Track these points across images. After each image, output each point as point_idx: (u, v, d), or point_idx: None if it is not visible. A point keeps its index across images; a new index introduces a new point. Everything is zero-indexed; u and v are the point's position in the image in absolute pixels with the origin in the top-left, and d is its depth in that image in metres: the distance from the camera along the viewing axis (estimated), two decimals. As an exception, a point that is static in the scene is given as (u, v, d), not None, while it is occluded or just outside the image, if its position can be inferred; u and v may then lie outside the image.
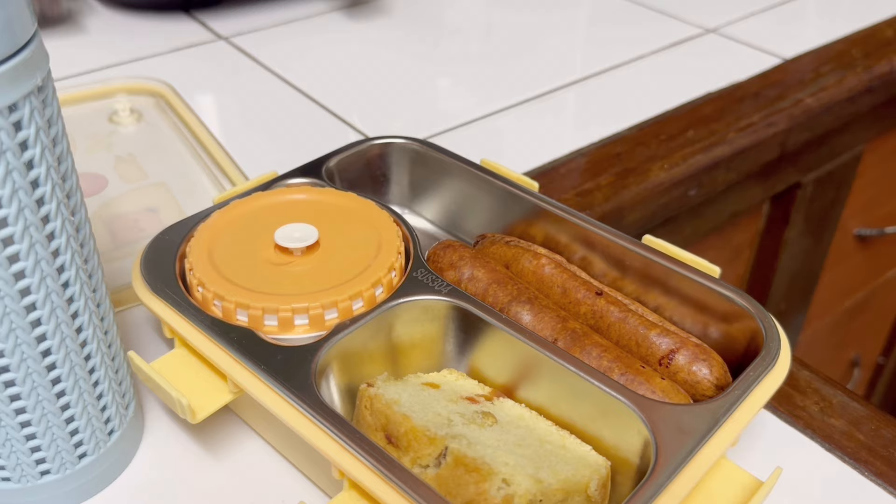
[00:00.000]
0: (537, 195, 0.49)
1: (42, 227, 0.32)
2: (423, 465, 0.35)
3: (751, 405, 0.37)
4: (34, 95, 0.30)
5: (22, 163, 0.30)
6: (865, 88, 0.81)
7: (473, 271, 0.44)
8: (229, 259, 0.43)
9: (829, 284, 1.06)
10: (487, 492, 0.33)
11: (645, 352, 0.40)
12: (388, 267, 0.42)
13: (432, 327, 0.42)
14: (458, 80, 0.79)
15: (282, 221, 0.45)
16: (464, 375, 0.42)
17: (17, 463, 0.36)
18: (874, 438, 0.44)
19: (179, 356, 0.41)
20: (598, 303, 0.43)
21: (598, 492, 0.35)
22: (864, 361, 1.29)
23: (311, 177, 0.51)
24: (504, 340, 0.40)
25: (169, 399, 0.38)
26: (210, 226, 0.45)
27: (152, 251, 0.44)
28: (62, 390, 0.36)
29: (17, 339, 0.33)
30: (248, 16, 0.90)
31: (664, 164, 0.66)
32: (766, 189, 0.81)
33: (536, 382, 0.40)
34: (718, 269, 0.43)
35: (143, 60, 0.80)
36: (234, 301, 0.40)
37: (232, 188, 0.50)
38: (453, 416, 0.37)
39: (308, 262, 0.43)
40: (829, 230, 0.98)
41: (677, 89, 0.77)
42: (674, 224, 0.70)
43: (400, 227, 0.46)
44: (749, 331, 0.41)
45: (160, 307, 0.41)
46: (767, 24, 0.92)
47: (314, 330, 0.40)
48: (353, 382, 0.40)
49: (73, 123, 0.68)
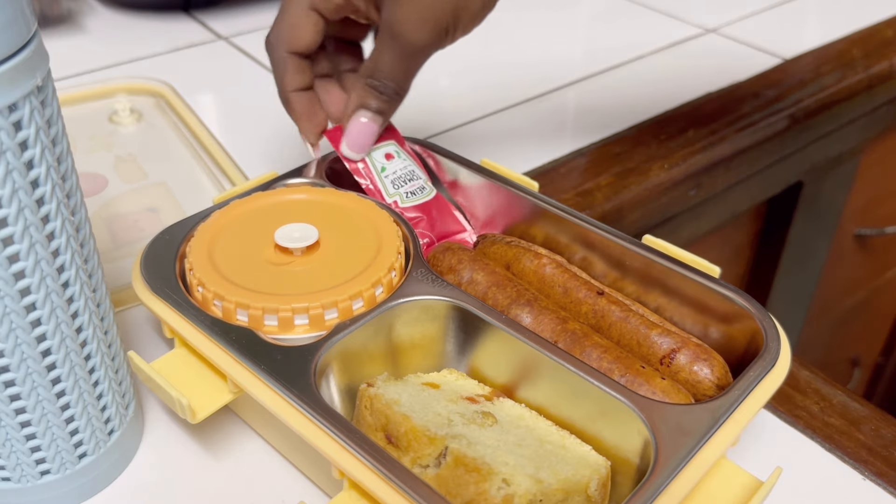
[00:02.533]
0: (537, 195, 0.49)
1: (42, 227, 0.32)
2: (423, 465, 0.35)
3: (751, 405, 0.37)
4: (34, 95, 0.31)
5: (22, 163, 0.30)
6: (865, 88, 0.81)
7: (473, 274, 0.44)
8: (229, 259, 0.43)
9: (829, 284, 1.06)
10: (487, 492, 0.33)
11: (646, 351, 0.40)
12: (388, 267, 0.42)
13: (432, 327, 0.42)
14: (459, 79, 0.79)
15: (282, 221, 0.45)
16: (464, 375, 0.42)
17: (17, 463, 0.36)
18: (874, 438, 0.44)
19: (179, 356, 0.41)
20: (600, 302, 0.43)
21: (598, 492, 0.35)
22: (864, 361, 1.29)
23: (310, 177, 0.51)
24: (504, 340, 0.40)
25: (169, 399, 0.38)
26: (210, 226, 0.45)
27: (152, 251, 0.44)
28: (62, 390, 0.36)
29: (17, 339, 0.33)
30: (248, 16, 0.90)
31: (664, 164, 0.66)
32: (767, 189, 0.81)
33: (536, 382, 0.40)
34: (718, 269, 0.43)
35: (143, 60, 0.80)
36: (234, 301, 0.40)
37: (232, 188, 0.50)
38: (453, 416, 0.37)
39: (308, 262, 0.43)
40: (829, 230, 0.98)
41: (677, 89, 0.77)
42: (674, 224, 0.70)
43: (400, 227, 0.46)
44: (749, 331, 0.41)
45: (160, 307, 0.41)
46: (767, 24, 0.92)
47: (314, 330, 0.40)
48: (353, 382, 0.40)
49: (73, 123, 0.68)
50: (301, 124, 0.50)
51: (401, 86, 0.48)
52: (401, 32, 0.46)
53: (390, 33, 0.46)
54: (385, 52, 0.47)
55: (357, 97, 0.48)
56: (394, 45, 0.46)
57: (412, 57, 0.47)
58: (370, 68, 0.48)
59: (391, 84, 0.48)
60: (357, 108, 0.48)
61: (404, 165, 0.50)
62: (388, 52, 0.47)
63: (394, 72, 0.47)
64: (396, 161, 0.50)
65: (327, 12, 0.47)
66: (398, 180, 0.50)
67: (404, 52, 0.46)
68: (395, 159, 0.50)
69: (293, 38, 0.47)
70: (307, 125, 0.50)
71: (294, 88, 0.49)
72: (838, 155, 0.87)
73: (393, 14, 0.45)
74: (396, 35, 0.46)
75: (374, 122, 0.49)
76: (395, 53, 0.47)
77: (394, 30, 0.46)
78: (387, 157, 0.50)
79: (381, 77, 0.47)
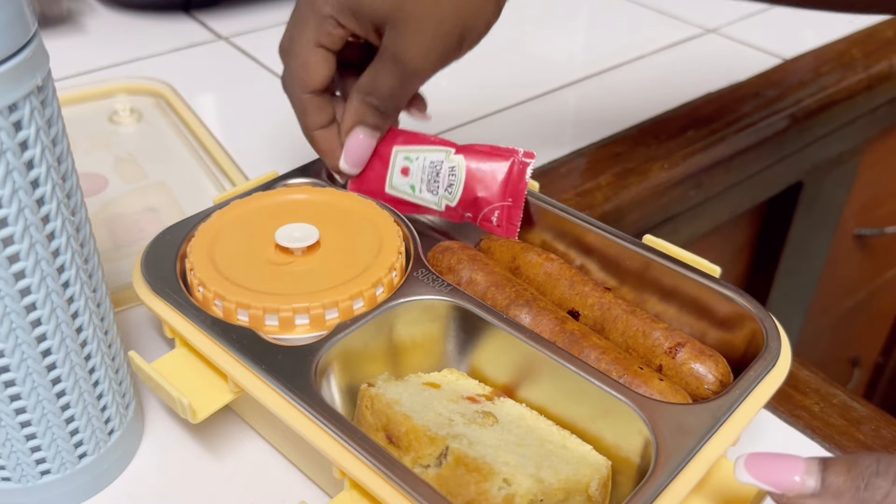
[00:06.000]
0: (538, 195, 0.49)
1: (42, 227, 0.32)
2: (424, 464, 0.35)
3: (751, 405, 0.37)
4: (34, 95, 0.30)
5: (22, 163, 0.30)
6: (865, 88, 0.81)
7: (472, 275, 0.44)
8: (230, 259, 0.43)
9: (829, 284, 1.06)
10: (488, 492, 0.33)
11: (651, 343, 0.40)
12: (388, 267, 0.42)
13: (433, 327, 0.42)
14: (459, 79, 0.79)
15: (282, 221, 0.45)
16: (464, 375, 0.42)
17: (17, 463, 0.36)
18: (874, 438, 0.44)
19: (180, 356, 0.41)
20: (606, 296, 0.43)
21: (598, 491, 0.35)
22: (864, 361, 1.29)
23: (311, 177, 0.51)
24: (505, 340, 0.40)
25: (170, 399, 0.38)
26: (210, 226, 0.45)
27: (153, 251, 0.44)
28: (62, 390, 0.36)
29: (17, 338, 0.33)
30: (248, 16, 0.90)
31: (664, 164, 0.66)
32: (767, 189, 0.81)
33: (537, 382, 0.40)
34: (719, 268, 0.43)
35: (143, 60, 0.80)
36: (235, 301, 0.40)
37: (232, 188, 0.50)
38: (454, 415, 0.37)
39: (309, 262, 0.43)
40: (829, 230, 0.98)
41: (677, 89, 0.77)
42: (674, 224, 0.70)
43: (400, 227, 0.46)
44: (749, 330, 0.41)
45: (161, 307, 0.41)
46: (767, 24, 0.92)
47: (315, 330, 0.40)
48: (354, 382, 0.40)
49: (73, 123, 0.68)
50: (327, 160, 0.50)
51: (398, 104, 0.48)
52: (404, 60, 0.45)
53: (392, 57, 0.46)
54: (385, 74, 0.46)
55: (354, 114, 0.48)
56: (395, 68, 0.46)
57: (413, 79, 0.47)
58: (368, 85, 0.47)
59: (389, 102, 0.47)
60: (354, 125, 0.48)
61: (420, 166, 0.48)
62: (388, 74, 0.46)
63: (393, 92, 0.47)
64: (413, 167, 0.49)
65: (332, 45, 0.47)
66: (430, 184, 0.48)
67: (406, 75, 0.46)
68: (410, 166, 0.49)
69: (307, 79, 0.47)
70: (333, 161, 0.49)
71: (317, 127, 0.49)
72: (838, 155, 0.87)
73: (395, 41, 0.45)
74: (399, 60, 0.45)
75: (370, 137, 0.48)
76: (395, 76, 0.46)
77: (397, 55, 0.45)
78: (403, 172, 0.49)
79: (379, 96, 0.47)
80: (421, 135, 0.50)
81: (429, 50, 0.45)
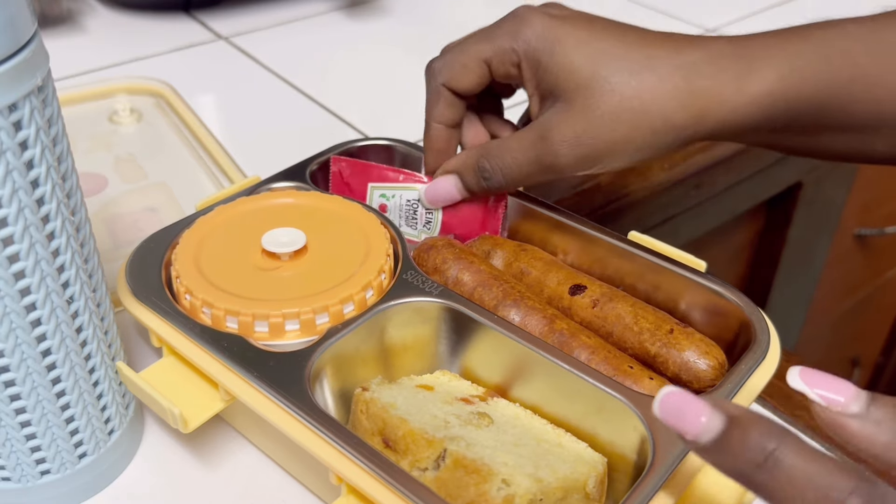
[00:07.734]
0: (523, 193, 0.49)
1: (42, 227, 0.32)
2: (422, 467, 0.35)
3: (743, 398, 0.37)
4: (34, 95, 0.31)
5: (22, 163, 0.31)
6: (865, 88, 0.81)
7: (458, 275, 0.43)
8: (216, 265, 0.42)
9: (829, 284, 1.06)
10: (488, 493, 0.33)
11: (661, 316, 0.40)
12: (377, 270, 0.42)
13: (424, 329, 0.42)
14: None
15: (268, 226, 0.44)
16: (457, 376, 0.42)
17: (17, 463, 0.36)
18: (873, 438, 0.44)
19: (168, 365, 0.40)
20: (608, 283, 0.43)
21: (595, 489, 0.36)
22: (864, 361, 1.29)
23: (295, 180, 0.50)
24: (496, 340, 0.40)
25: (160, 409, 0.37)
26: (195, 232, 0.44)
27: (137, 260, 0.43)
28: (62, 390, 0.36)
29: (17, 338, 0.33)
30: (248, 16, 0.90)
31: (664, 164, 0.66)
32: (767, 189, 0.81)
33: (530, 381, 0.39)
34: (704, 263, 0.43)
35: (143, 60, 0.80)
36: (224, 308, 0.39)
37: (215, 193, 0.49)
38: (449, 417, 0.37)
39: (296, 267, 0.42)
40: (829, 230, 0.98)
41: (677, 89, 0.76)
42: (674, 224, 0.70)
43: (387, 230, 0.45)
44: (738, 325, 0.41)
45: (148, 317, 0.40)
46: (767, 25, 0.91)
47: (306, 335, 0.39)
48: (347, 387, 0.40)
49: (73, 123, 0.68)
50: (428, 155, 0.48)
51: (506, 187, 0.46)
52: (549, 142, 0.43)
53: (539, 135, 0.43)
54: (517, 148, 0.44)
55: (461, 164, 0.46)
56: (533, 148, 0.43)
57: (541, 170, 0.44)
58: (492, 149, 0.45)
59: (500, 179, 0.45)
60: (454, 172, 0.47)
61: (397, 204, 0.49)
62: (520, 150, 0.44)
63: (511, 172, 0.45)
64: (390, 205, 0.49)
65: (496, 72, 0.45)
66: (409, 220, 0.49)
67: (537, 160, 0.44)
68: (387, 203, 0.49)
69: (457, 77, 0.46)
70: (432, 159, 0.48)
71: (439, 121, 0.47)
72: (838, 155, 0.87)
73: (551, 121, 0.43)
74: (544, 141, 0.43)
75: (459, 192, 0.47)
76: (526, 156, 0.44)
77: (544, 134, 0.43)
78: (381, 209, 0.49)
79: (495, 166, 0.45)
80: (392, 169, 0.49)
81: (577, 144, 0.42)
